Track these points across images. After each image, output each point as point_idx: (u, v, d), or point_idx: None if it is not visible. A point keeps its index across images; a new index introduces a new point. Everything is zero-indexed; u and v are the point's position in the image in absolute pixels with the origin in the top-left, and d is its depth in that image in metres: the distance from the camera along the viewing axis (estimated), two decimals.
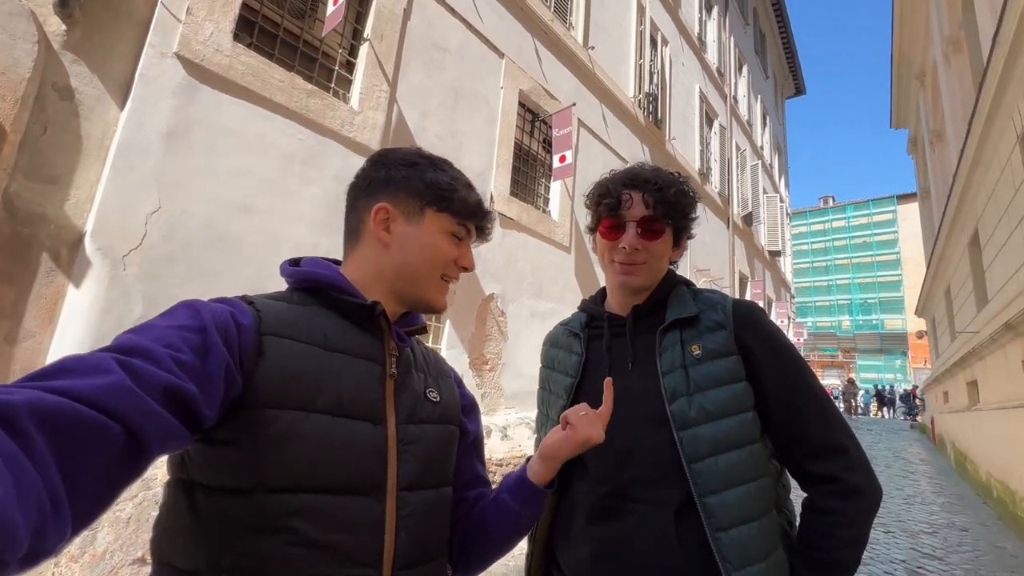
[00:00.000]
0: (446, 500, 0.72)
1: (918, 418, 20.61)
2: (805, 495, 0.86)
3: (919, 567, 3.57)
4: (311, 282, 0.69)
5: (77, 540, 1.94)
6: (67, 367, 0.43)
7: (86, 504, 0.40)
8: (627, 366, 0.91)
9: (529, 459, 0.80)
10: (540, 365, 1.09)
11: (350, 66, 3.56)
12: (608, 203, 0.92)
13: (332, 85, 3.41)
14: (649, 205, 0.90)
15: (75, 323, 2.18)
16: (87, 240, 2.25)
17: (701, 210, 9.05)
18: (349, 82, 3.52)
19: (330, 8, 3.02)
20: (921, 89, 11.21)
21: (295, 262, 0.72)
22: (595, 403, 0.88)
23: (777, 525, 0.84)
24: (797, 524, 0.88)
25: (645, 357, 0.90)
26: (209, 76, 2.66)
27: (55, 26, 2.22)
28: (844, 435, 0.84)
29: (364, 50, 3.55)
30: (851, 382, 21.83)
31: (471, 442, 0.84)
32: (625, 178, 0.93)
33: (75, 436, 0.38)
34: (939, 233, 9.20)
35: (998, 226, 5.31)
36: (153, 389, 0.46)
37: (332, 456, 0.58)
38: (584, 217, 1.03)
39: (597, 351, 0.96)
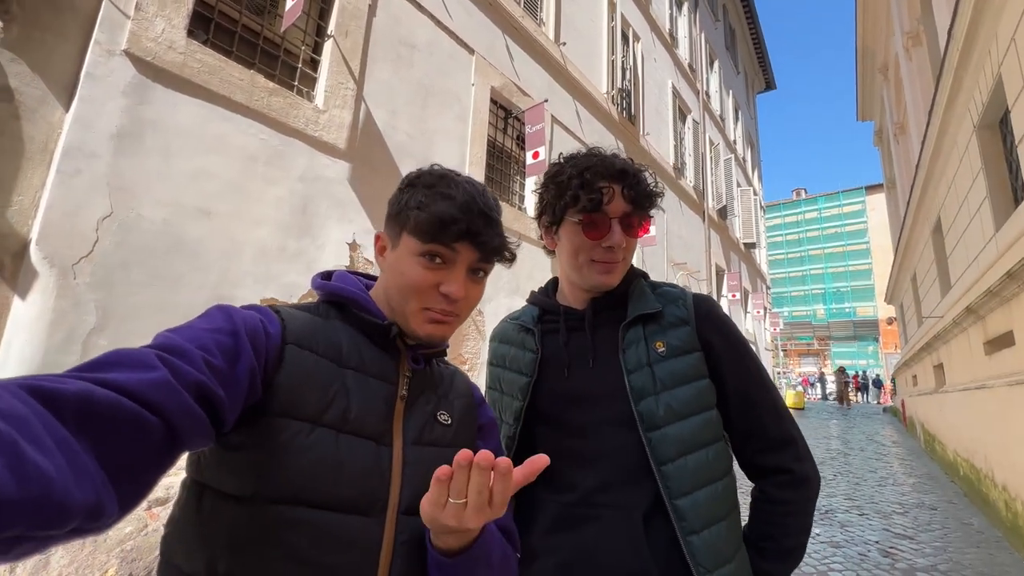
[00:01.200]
0: None
1: (883, 401, 21.40)
2: (753, 486, 0.87)
3: (891, 547, 3.67)
4: (336, 296, 0.70)
5: (29, 564, 1.84)
6: (115, 361, 0.45)
7: (129, 489, 0.42)
8: (588, 362, 0.87)
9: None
10: (487, 362, 1.03)
11: (314, 64, 3.47)
12: (591, 198, 0.83)
13: (295, 83, 3.32)
14: (629, 200, 0.85)
15: (21, 336, 2.06)
16: (32, 248, 2.13)
17: (676, 204, 9.16)
18: (313, 80, 3.43)
19: (289, 2, 2.93)
20: (884, 82, 11.55)
21: (327, 275, 0.73)
22: (553, 401, 0.86)
23: (739, 521, 0.84)
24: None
25: (606, 353, 0.86)
26: (162, 74, 2.56)
27: None
28: (793, 426, 0.86)
29: (328, 47, 3.47)
30: (842, 371, 18.90)
31: None
32: (601, 168, 0.85)
33: (119, 426, 0.40)
34: (904, 222, 9.51)
35: (958, 213, 5.50)
36: (189, 388, 0.47)
37: (332, 472, 0.58)
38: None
39: (553, 347, 0.91)
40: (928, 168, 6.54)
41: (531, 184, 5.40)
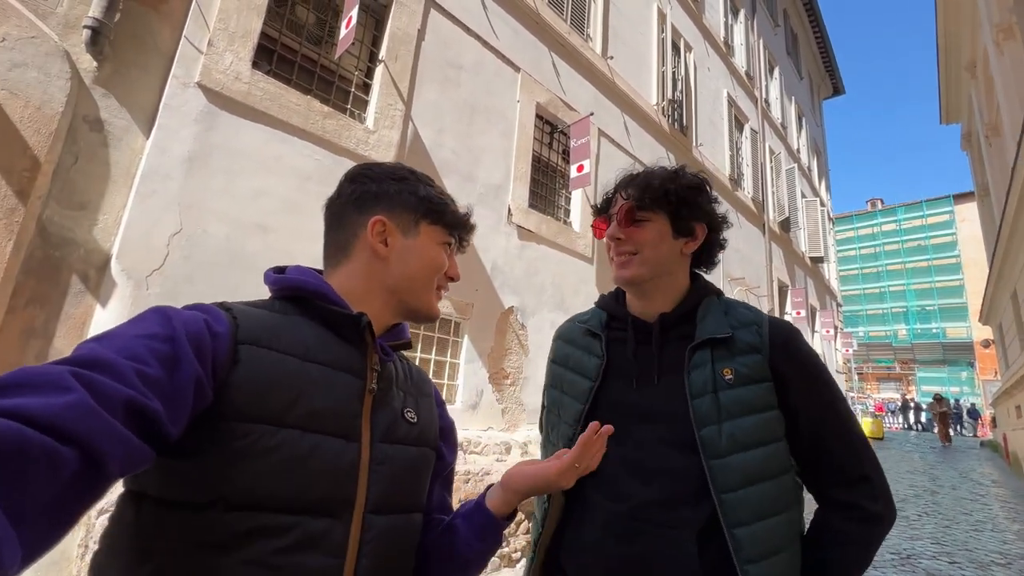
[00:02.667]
0: (415, 527, 0.69)
1: (980, 435, 18.84)
2: (819, 508, 0.86)
3: None
4: (296, 290, 0.67)
5: None
6: (21, 381, 0.40)
7: (39, 531, 0.37)
8: (653, 378, 0.87)
9: (490, 487, 0.75)
10: (549, 360, 1.04)
11: (366, 87, 3.65)
12: (598, 206, 0.98)
13: (348, 106, 3.50)
14: (631, 197, 0.91)
15: None
16: (113, 262, 2.36)
17: (733, 216, 8.74)
18: (365, 103, 3.61)
19: (343, 31, 3.11)
20: (972, 80, 10.54)
21: (280, 270, 0.70)
22: (614, 411, 0.87)
23: (799, 553, 0.83)
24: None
25: (672, 372, 0.86)
26: (228, 103, 2.78)
27: (87, 63, 2.38)
28: (870, 464, 0.84)
29: (379, 71, 3.64)
30: (939, 399, 15.80)
31: (445, 467, 0.79)
32: (617, 183, 0.96)
33: (21, 462, 0.35)
34: (1000, 232, 8.52)
35: None
36: (114, 407, 0.43)
37: (299, 473, 0.55)
38: None
39: (620, 356, 0.91)
40: None
41: (576, 197, 5.35)
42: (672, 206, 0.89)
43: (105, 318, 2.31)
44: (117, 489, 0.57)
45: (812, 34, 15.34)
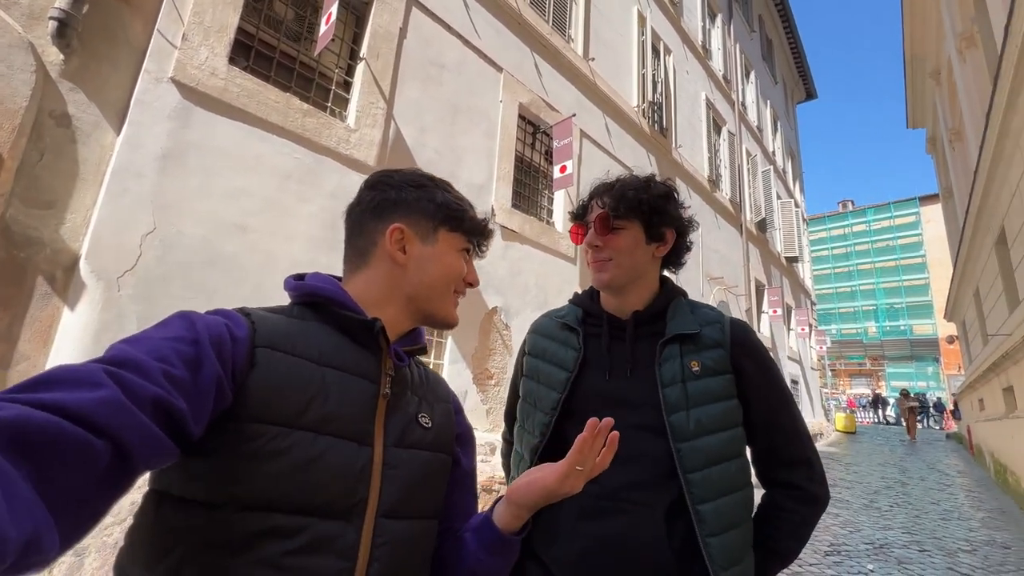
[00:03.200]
0: (429, 533, 0.69)
1: (945, 427, 19.55)
2: (765, 492, 0.97)
3: None
4: (313, 296, 0.69)
5: (64, 566, 1.91)
6: (58, 378, 0.42)
7: (73, 519, 0.40)
8: (626, 371, 0.94)
9: (498, 500, 0.73)
10: (522, 352, 1.08)
11: (347, 85, 3.60)
12: (574, 213, 1.04)
13: (329, 104, 3.45)
14: (605, 205, 0.97)
15: (69, 345, 2.19)
16: (82, 263, 2.27)
17: (712, 217, 8.91)
18: (346, 101, 3.56)
19: (322, 27, 3.06)
20: (937, 87, 10.96)
21: (299, 277, 0.73)
22: (589, 400, 0.92)
23: (751, 529, 0.92)
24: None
25: (643, 365, 0.93)
26: (204, 99, 2.71)
27: (53, 56, 2.28)
28: (811, 450, 0.95)
29: (360, 69, 3.59)
30: (905, 395, 15.55)
31: (465, 474, 0.79)
32: (592, 190, 1.03)
33: (59, 452, 0.38)
34: (963, 233, 8.88)
35: None
36: (143, 404, 0.45)
37: (311, 475, 0.56)
38: None
39: (596, 350, 0.97)
40: (988, 174, 6.11)
41: (559, 198, 5.38)
42: (645, 215, 0.96)
43: (73, 321, 2.22)
44: (144, 486, 0.59)
45: (786, 39, 15.74)
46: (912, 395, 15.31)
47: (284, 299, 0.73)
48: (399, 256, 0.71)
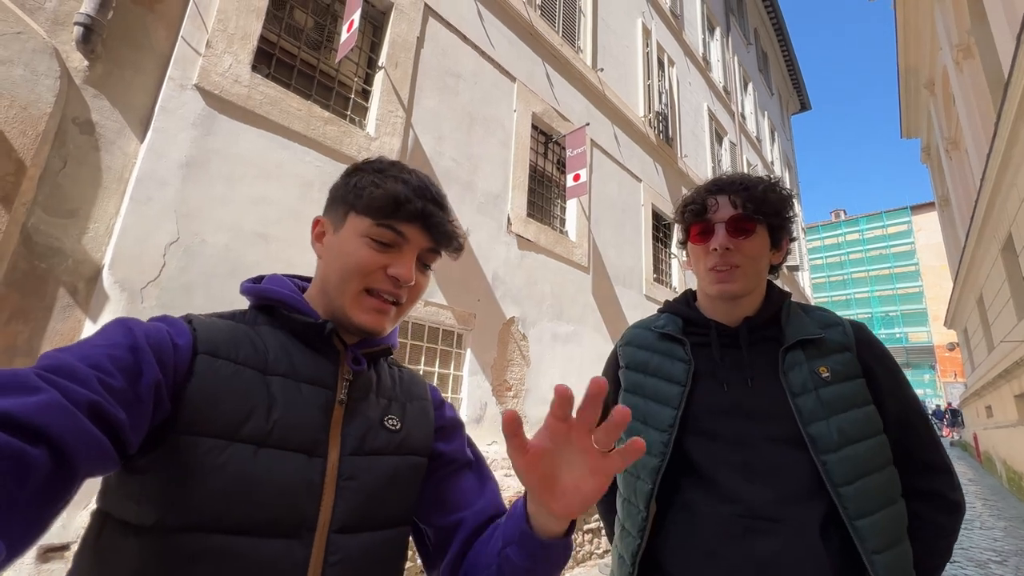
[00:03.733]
0: (397, 542, 0.63)
1: (945, 434, 19.48)
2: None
3: None
4: (264, 299, 0.65)
5: None
6: None
7: (15, 527, 0.38)
8: (745, 380, 0.88)
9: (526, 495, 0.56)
10: (618, 366, 1.00)
11: (366, 94, 3.57)
12: (694, 208, 0.91)
13: (349, 113, 3.41)
14: (736, 205, 0.89)
15: None
16: (105, 273, 2.19)
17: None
18: (365, 109, 3.52)
19: (343, 36, 3.03)
20: (931, 97, 11.14)
21: (257, 280, 0.68)
22: (711, 413, 0.86)
23: (909, 544, 0.84)
24: None
25: (763, 373, 0.87)
26: (228, 106, 2.66)
27: (77, 62, 2.23)
28: (947, 456, 0.89)
29: (379, 78, 3.57)
30: None
31: (460, 466, 0.70)
32: (710, 185, 0.94)
33: None
34: (966, 241, 8.94)
35: None
36: (79, 407, 0.43)
37: (251, 491, 0.52)
38: (601, 236, 1.00)
39: (706, 360, 0.91)
40: (994, 182, 6.16)
41: (572, 207, 5.35)
42: (771, 217, 0.90)
43: None
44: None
45: (780, 52, 16.01)
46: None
47: None
48: (318, 248, 0.67)
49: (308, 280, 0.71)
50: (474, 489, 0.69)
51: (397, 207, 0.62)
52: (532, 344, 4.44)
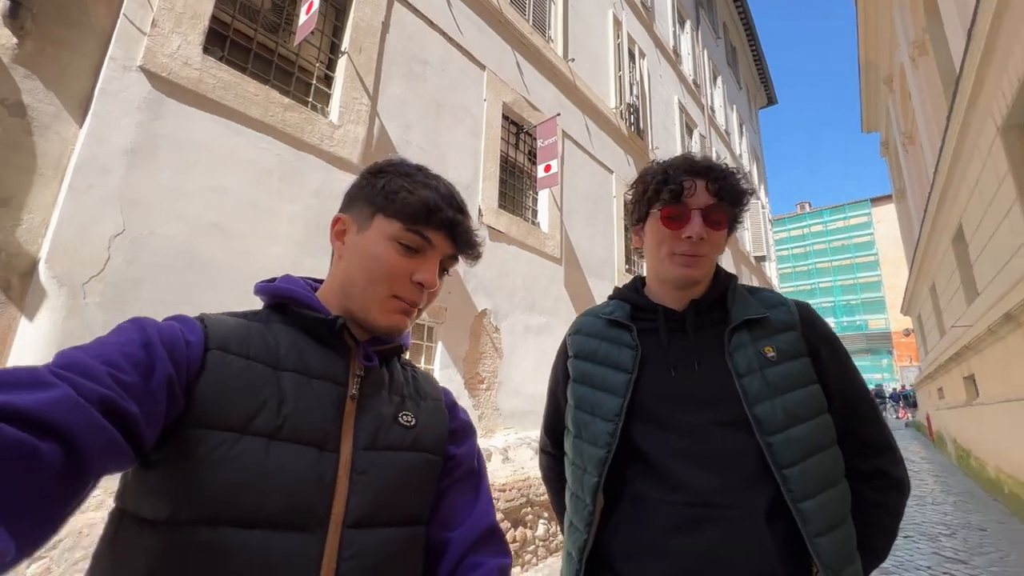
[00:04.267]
0: (411, 542, 0.62)
1: (901, 416, 20.53)
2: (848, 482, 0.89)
3: (945, 572, 3.42)
4: (277, 297, 0.66)
5: None
6: (5, 380, 0.40)
7: (25, 524, 0.37)
8: (692, 364, 0.86)
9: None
10: (567, 356, 0.97)
11: (328, 80, 3.44)
12: (672, 190, 0.86)
13: (310, 99, 3.28)
14: (713, 193, 0.86)
15: (27, 359, 1.95)
16: (41, 267, 2.04)
17: None
18: (328, 96, 3.40)
19: (302, 17, 2.91)
20: (890, 93, 11.55)
21: (272, 280, 0.69)
22: (657, 400, 0.84)
23: (852, 524, 0.83)
24: None
25: (710, 356, 0.85)
26: (177, 90, 2.51)
27: (5, 39, 2.06)
28: (890, 434, 0.88)
29: (342, 63, 3.44)
30: None
31: (459, 466, 0.70)
32: (685, 164, 0.89)
33: (1, 462, 0.36)
34: (920, 232, 9.34)
35: (984, 219, 5.36)
36: (92, 402, 0.43)
37: (263, 484, 0.52)
38: (573, 228, 0.97)
39: (653, 346, 0.89)
40: (947, 175, 6.43)
41: (543, 198, 5.33)
42: (736, 208, 0.90)
43: (33, 332, 1.99)
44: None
45: (748, 47, 16.32)
46: None
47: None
48: (339, 247, 0.68)
49: (320, 281, 0.72)
50: (468, 504, 0.70)
51: (429, 214, 0.64)
52: (504, 336, 4.41)
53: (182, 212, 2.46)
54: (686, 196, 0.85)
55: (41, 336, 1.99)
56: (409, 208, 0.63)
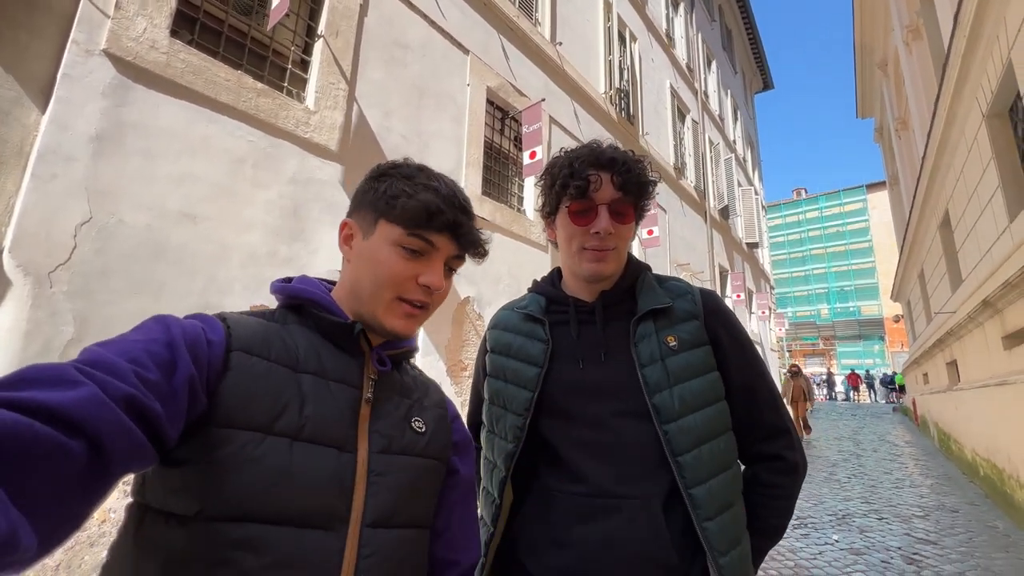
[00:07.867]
0: (421, 542, 0.65)
1: (896, 398, 20.84)
2: (745, 468, 0.91)
3: (915, 553, 3.51)
4: (294, 299, 0.67)
5: None
6: (31, 377, 0.40)
7: (51, 521, 0.38)
8: (599, 356, 0.87)
9: None
10: (485, 350, 0.99)
11: (304, 64, 3.38)
12: (578, 185, 0.85)
13: (285, 84, 3.23)
14: (618, 186, 0.85)
15: None
16: (6, 257, 2.02)
17: (678, 204, 9.06)
18: (304, 81, 3.34)
19: (275, 1, 2.84)
20: (884, 78, 11.47)
21: (287, 280, 0.70)
22: (564, 393, 0.85)
23: (743, 505, 0.86)
24: None
25: (618, 347, 0.86)
26: (143, 75, 2.46)
27: None
28: (787, 418, 0.91)
29: (319, 47, 3.38)
30: (794, 372, 10.07)
31: (461, 482, 0.73)
32: (591, 157, 0.88)
33: (27, 453, 0.36)
34: (909, 218, 9.37)
35: (968, 206, 5.37)
36: (117, 401, 0.44)
37: (288, 483, 0.54)
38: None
39: (564, 338, 0.90)
40: (934, 161, 6.43)
41: (529, 185, 5.30)
42: (642, 199, 0.90)
43: None
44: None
45: (744, 30, 16.11)
46: (799, 373, 10.13)
47: (241, 293, 0.69)
48: (347, 252, 0.69)
49: (332, 283, 0.72)
50: (473, 525, 0.73)
51: (429, 218, 0.64)
52: (488, 323, 4.42)
53: (152, 200, 2.43)
54: (592, 191, 0.84)
55: (7, 325, 1.98)
56: (410, 212, 0.64)
